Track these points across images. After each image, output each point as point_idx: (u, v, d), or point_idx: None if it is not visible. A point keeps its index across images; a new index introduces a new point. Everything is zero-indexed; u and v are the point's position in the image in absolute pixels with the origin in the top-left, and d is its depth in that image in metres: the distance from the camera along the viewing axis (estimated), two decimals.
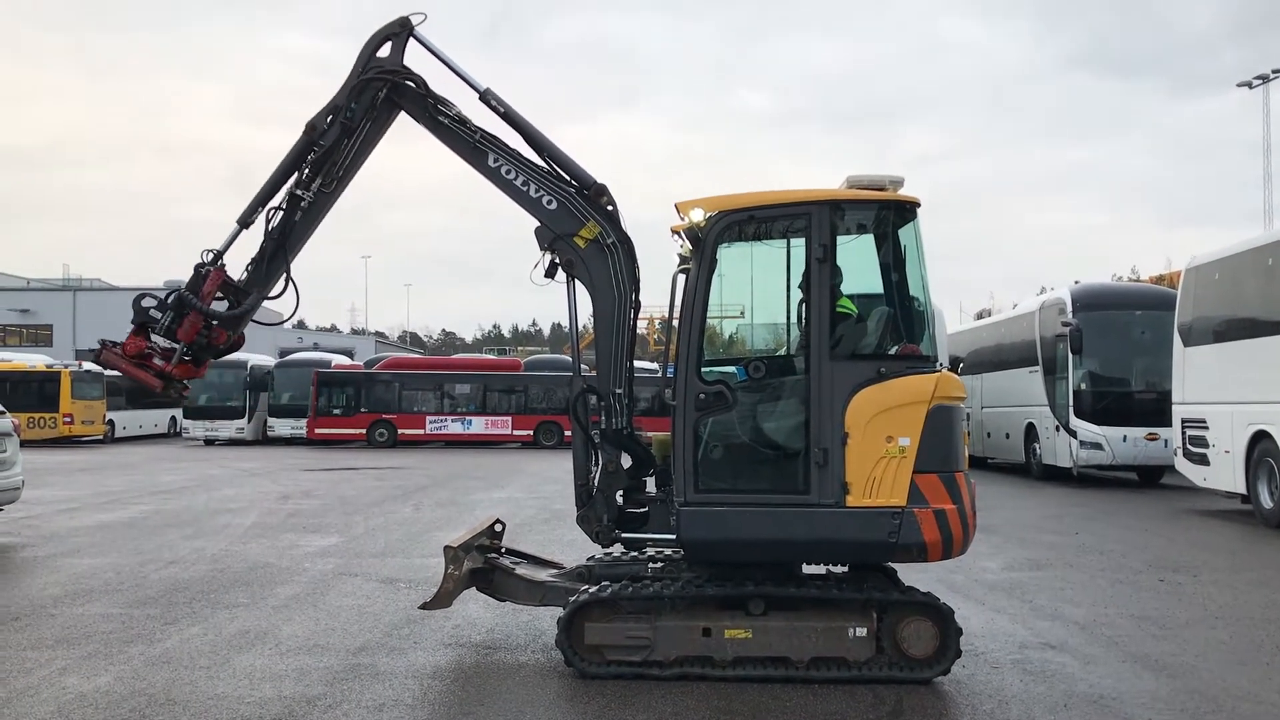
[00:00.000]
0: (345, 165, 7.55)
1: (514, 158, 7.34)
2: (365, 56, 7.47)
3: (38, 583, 9.70)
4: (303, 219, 7.55)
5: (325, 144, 7.42)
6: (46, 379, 35.65)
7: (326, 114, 7.44)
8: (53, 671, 6.65)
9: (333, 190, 7.59)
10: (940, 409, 6.47)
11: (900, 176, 6.91)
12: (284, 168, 7.52)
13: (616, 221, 7.25)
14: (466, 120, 7.40)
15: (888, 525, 6.38)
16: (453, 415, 37.09)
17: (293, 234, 7.56)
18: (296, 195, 7.49)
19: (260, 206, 7.53)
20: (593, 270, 7.18)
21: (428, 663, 6.97)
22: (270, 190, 7.52)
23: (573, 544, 11.10)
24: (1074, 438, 20.23)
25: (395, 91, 7.46)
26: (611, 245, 7.17)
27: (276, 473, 23.69)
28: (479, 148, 7.36)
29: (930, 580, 8.89)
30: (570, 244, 7.18)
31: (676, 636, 6.58)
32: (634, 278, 7.23)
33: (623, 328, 7.16)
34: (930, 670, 6.48)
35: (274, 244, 7.53)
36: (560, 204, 7.23)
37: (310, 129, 7.43)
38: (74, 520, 14.36)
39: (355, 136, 7.49)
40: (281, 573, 10.26)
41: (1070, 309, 20.59)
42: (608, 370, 7.16)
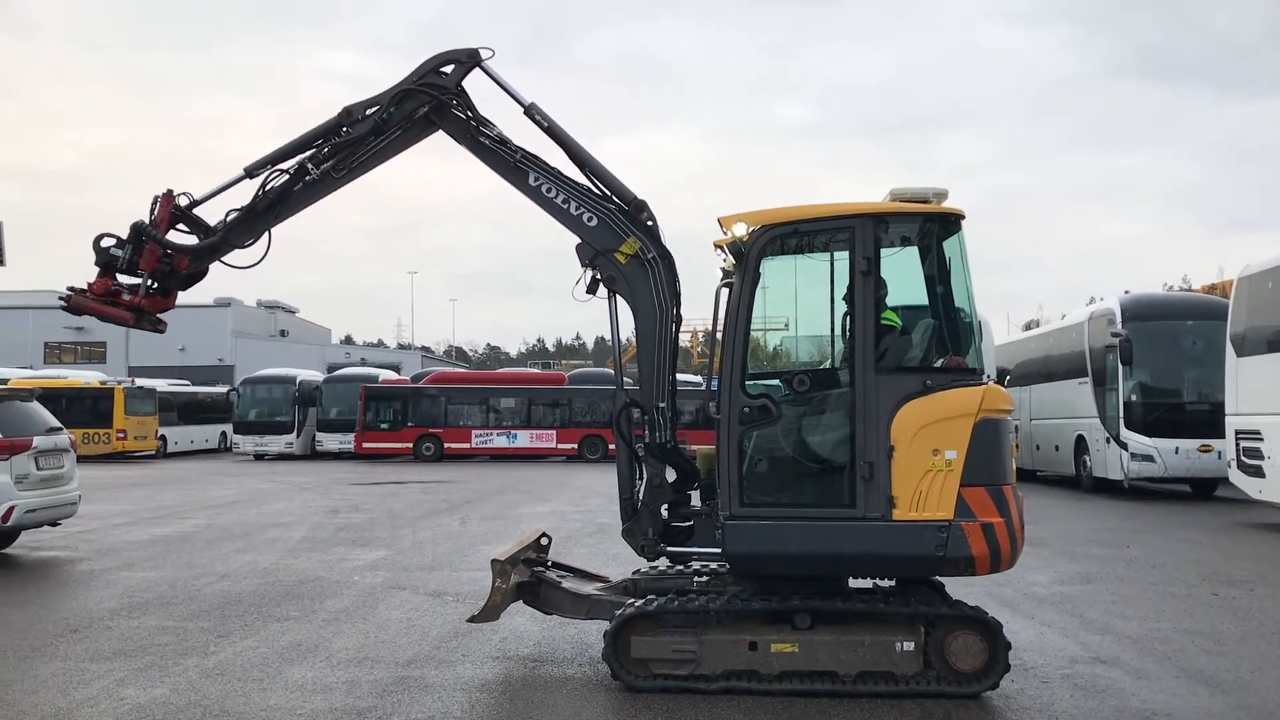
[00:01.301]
0: (363, 160, 7.67)
1: (554, 176, 7.42)
2: (423, 70, 7.57)
3: (95, 596, 9.89)
4: (302, 191, 7.68)
5: (353, 134, 7.54)
6: (100, 396, 36.29)
7: (367, 106, 7.56)
8: (111, 683, 6.78)
9: (341, 177, 7.70)
10: (987, 422, 6.44)
11: (944, 189, 6.90)
12: (307, 138, 7.66)
13: (657, 237, 7.30)
14: (507, 140, 7.50)
15: (934, 539, 6.36)
16: (498, 429, 37.27)
17: (287, 201, 7.68)
18: (306, 168, 7.62)
19: (271, 164, 7.66)
20: (634, 286, 7.24)
21: (476, 675, 7.03)
22: (286, 154, 7.66)
23: (618, 558, 11.12)
24: (1125, 450, 19.95)
25: (437, 112, 7.56)
26: (652, 260, 7.22)
27: (325, 487, 23.95)
28: (519, 167, 7.45)
29: (979, 594, 8.82)
30: (611, 260, 7.25)
31: (722, 650, 6.59)
32: (675, 292, 7.28)
33: (665, 342, 7.21)
34: (978, 685, 6.43)
35: (267, 203, 7.65)
36: (601, 220, 7.30)
37: (345, 114, 7.56)
38: (129, 534, 14.62)
39: (383, 139, 7.60)
40: (331, 586, 10.38)
41: (1120, 319, 20.33)
42: (650, 384, 7.21)
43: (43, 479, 12.17)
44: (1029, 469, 24.99)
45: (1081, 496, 21.06)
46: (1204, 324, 19.78)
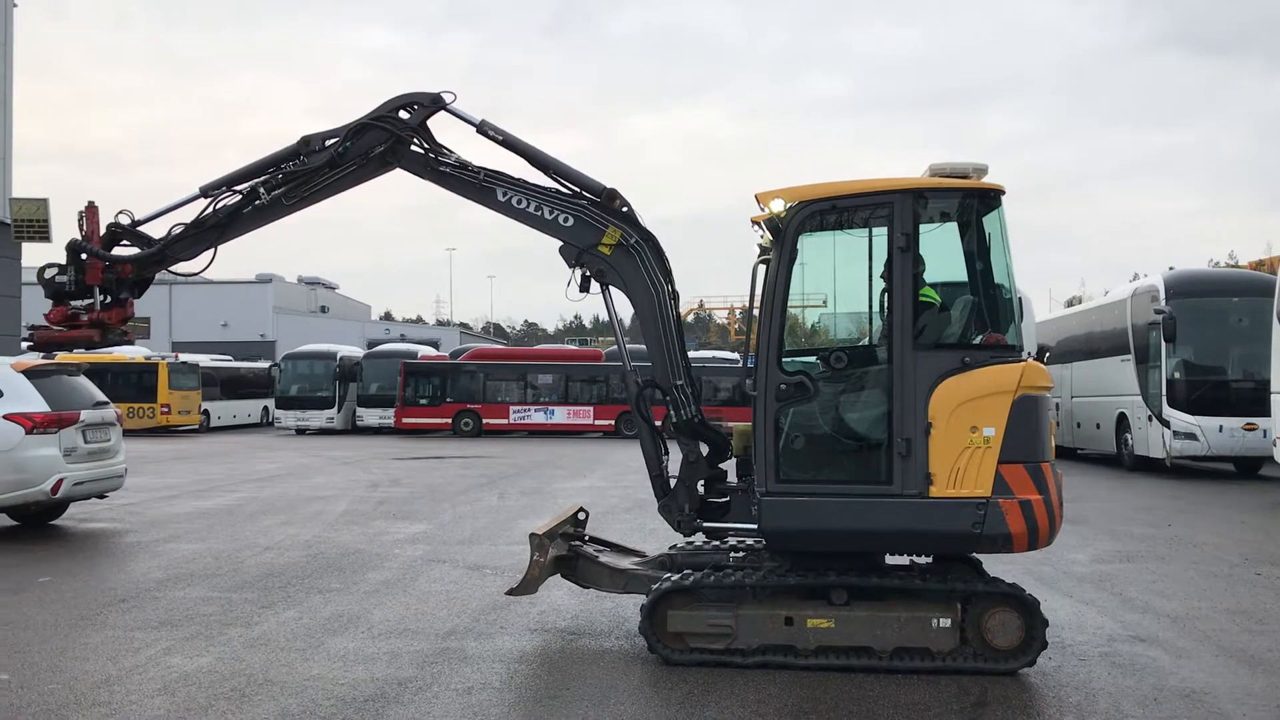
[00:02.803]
0: (315, 190, 7.69)
1: (521, 186, 7.44)
2: (384, 109, 7.56)
3: (141, 567, 10.09)
4: (251, 214, 7.73)
5: (308, 164, 7.56)
6: (145, 370, 36.82)
7: (325, 138, 7.58)
8: (158, 651, 6.93)
9: (291, 205, 7.72)
10: (1026, 399, 6.40)
11: (984, 164, 6.84)
12: (264, 163, 7.71)
13: (635, 221, 7.34)
14: (467, 164, 7.51)
15: (972, 516, 6.34)
16: (536, 405, 37.44)
17: (235, 223, 7.75)
18: (258, 192, 7.66)
19: (226, 186, 7.72)
20: (624, 274, 7.28)
21: (514, 647, 7.12)
22: (242, 176, 7.72)
23: (655, 533, 11.18)
24: (1167, 428, 19.74)
25: (394, 151, 7.57)
26: (635, 245, 7.26)
27: (366, 461, 24.21)
28: (485, 186, 7.47)
29: (1017, 572, 8.79)
30: (596, 254, 7.29)
31: (759, 625, 6.62)
32: (665, 270, 7.33)
33: (667, 321, 7.26)
34: (1015, 661, 6.43)
35: (214, 221, 7.72)
36: (577, 219, 7.34)
37: (304, 143, 7.58)
38: (174, 507, 14.88)
39: (337, 172, 7.61)
40: (372, 559, 10.53)
41: (1164, 295, 20.06)
42: (663, 364, 7.26)
43: (90, 452, 12.40)
44: (1069, 447, 24.79)
45: (1122, 475, 20.87)
46: (1250, 300, 19.50)
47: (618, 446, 30.90)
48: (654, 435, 7.34)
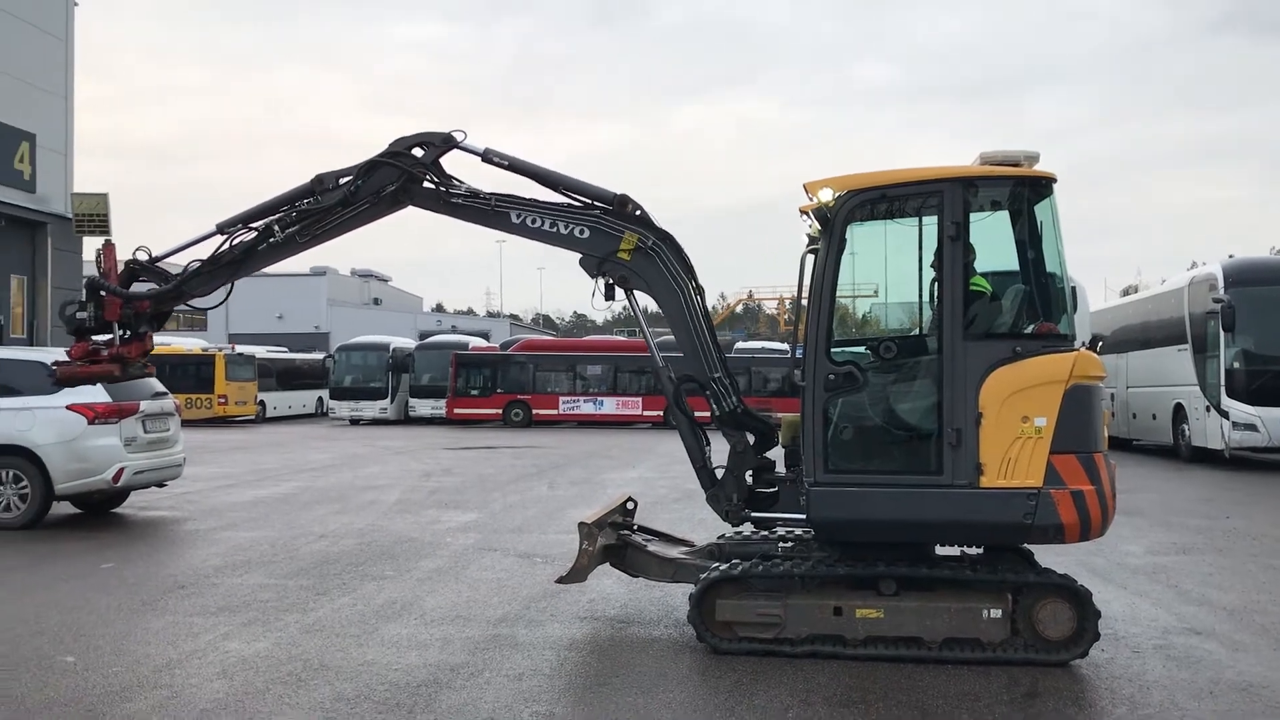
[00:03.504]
0: (328, 229, 7.78)
1: (533, 206, 7.49)
2: (396, 148, 7.62)
3: (200, 554, 10.30)
4: (265, 251, 7.87)
5: (321, 202, 7.65)
6: (202, 362, 37.46)
7: (339, 176, 7.66)
8: (216, 636, 7.09)
9: (305, 242, 7.83)
10: (1078, 388, 6.35)
11: (1035, 151, 6.78)
12: (279, 200, 7.85)
13: (649, 223, 7.38)
14: (478, 192, 7.57)
15: (1023, 506, 6.31)
16: (585, 396, 37.61)
17: (250, 260, 7.91)
18: (272, 230, 7.77)
19: (242, 223, 7.89)
20: (646, 277, 7.32)
21: (564, 635, 7.19)
22: (257, 214, 7.87)
23: (703, 523, 11.20)
24: (1226, 419, 19.39)
25: (406, 191, 7.63)
26: (653, 246, 7.30)
27: (418, 451, 24.47)
28: (498, 211, 7.52)
29: (1070, 563, 8.70)
30: (616, 262, 7.33)
31: (807, 615, 6.63)
32: (687, 267, 7.36)
33: (695, 316, 7.30)
34: (1067, 653, 6.39)
35: (230, 258, 7.89)
36: (592, 229, 7.38)
37: (317, 181, 7.68)
38: (231, 496, 15.15)
39: (350, 210, 7.69)
40: (425, 547, 10.66)
41: (1222, 284, 19.68)
42: (698, 359, 7.30)
43: (150, 442, 12.66)
44: (1125, 438, 24.44)
45: (1179, 466, 20.55)
46: None
47: (666, 437, 30.93)
48: (693, 428, 7.38)
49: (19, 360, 12.37)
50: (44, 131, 24.51)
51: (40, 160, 24.29)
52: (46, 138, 24.61)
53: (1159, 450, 23.50)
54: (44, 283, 24.92)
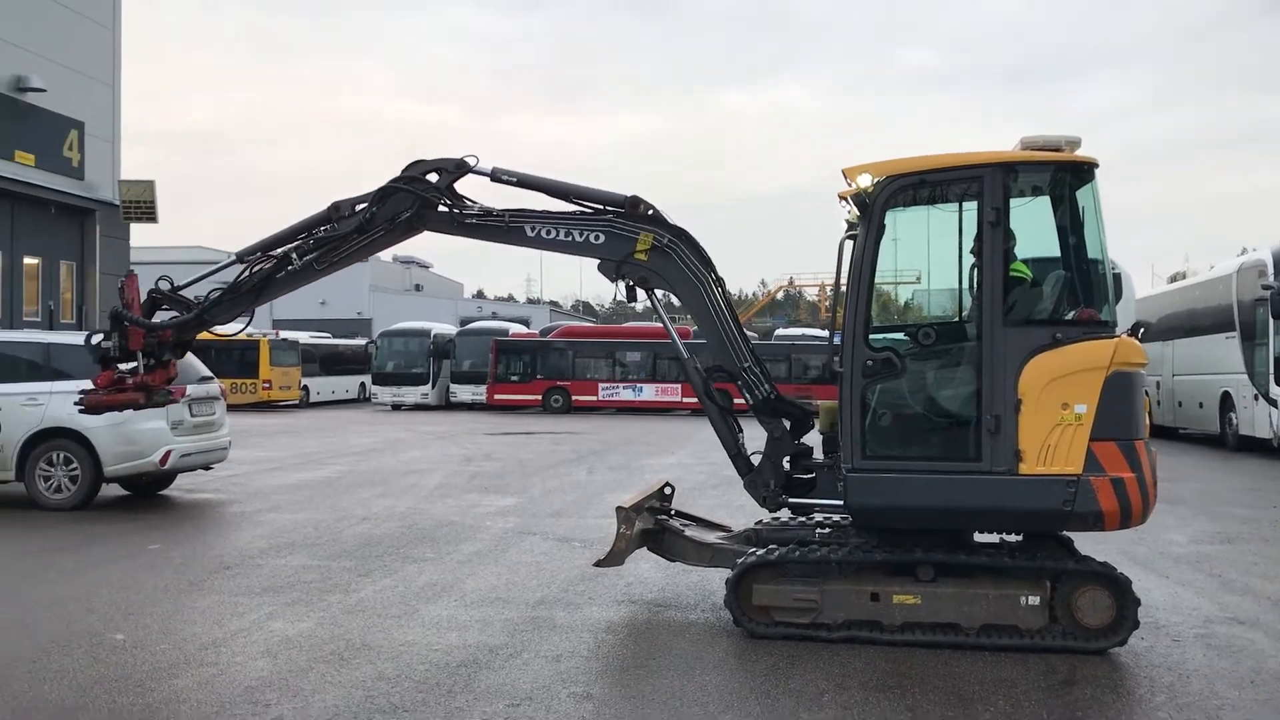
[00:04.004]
0: (345, 256, 7.86)
1: (546, 218, 7.54)
2: (409, 174, 7.67)
3: (245, 536, 10.48)
4: (284, 279, 7.97)
5: (337, 230, 7.73)
6: (247, 347, 37.85)
7: (354, 203, 7.73)
8: (261, 616, 7.22)
9: (322, 269, 7.93)
10: (1119, 375, 6.30)
11: (1077, 137, 6.72)
12: (296, 228, 7.96)
13: (663, 221, 7.41)
14: (490, 210, 7.62)
15: (1062, 493, 6.28)
16: (624, 383, 37.69)
17: (270, 287, 8.03)
18: (290, 258, 7.88)
19: (261, 251, 8.02)
20: (666, 274, 7.36)
21: (602, 618, 7.25)
22: (275, 242, 7.99)
23: (741, 509, 11.22)
24: (1274, 407, 19.08)
25: (420, 217, 7.68)
26: (669, 244, 7.33)
27: (459, 436, 24.66)
28: (511, 227, 7.58)
29: (1111, 551, 8.64)
30: (634, 263, 7.38)
31: (844, 600, 6.64)
32: (705, 260, 7.38)
33: (719, 308, 7.33)
34: (1106, 640, 6.36)
35: (249, 285, 8.02)
36: (607, 234, 7.42)
37: (334, 209, 7.76)
38: (275, 479, 15.37)
39: (366, 237, 7.76)
40: (465, 530, 10.77)
41: (1272, 271, 19.35)
42: (725, 350, 7.34)
43: (196, 425, 12.88)
44: (1170, 426, 24.14)
45: (1225, 455, 20.27)
46: None
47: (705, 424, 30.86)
48: (724, 416, 7.42)
49: (69, 345, 12.61)
50: (92, 120, 24.89)
51: (89, 148, 24.68)
52: (95, 126, 24.99)
53: (1205, 439, 23.20)
54: (92, 269, 25.35)
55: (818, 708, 5.45)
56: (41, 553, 9.47)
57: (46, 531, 10.54)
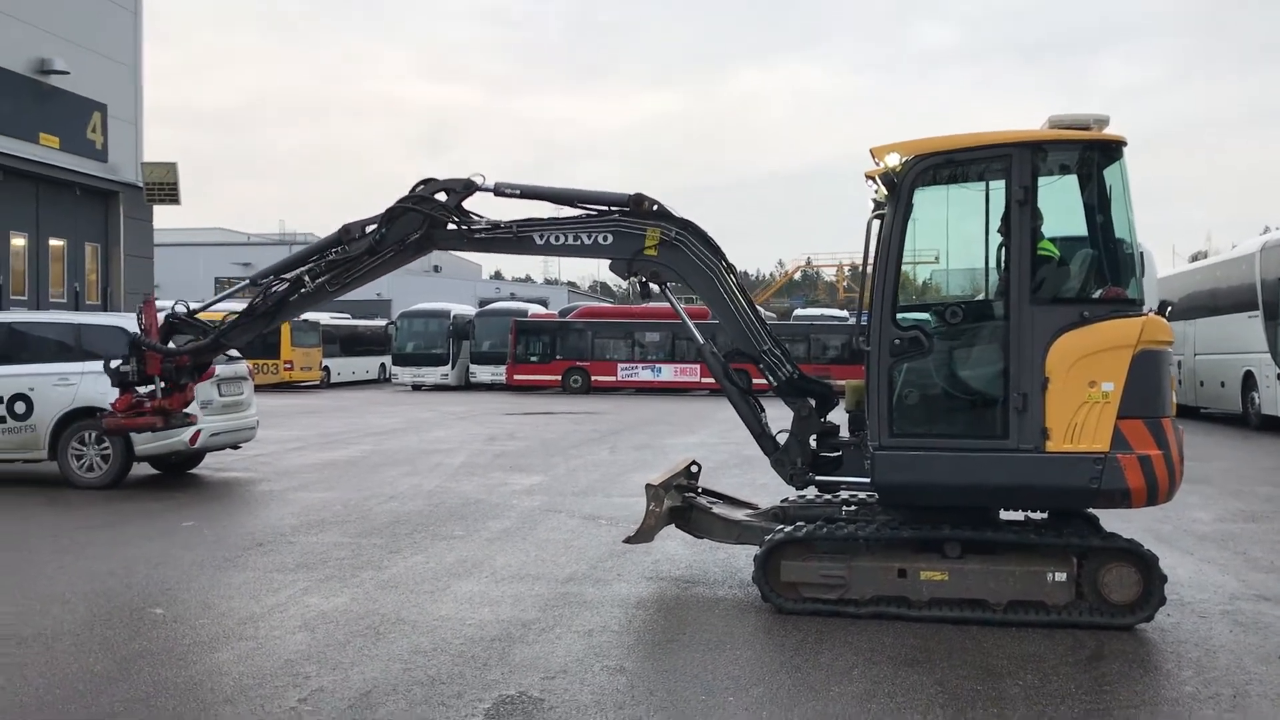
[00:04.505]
0: (357, 277, 7.99)
1: (553, 225, 7.65)
2: (418, 195, 7.77)
3: (275, 514, 10.62)
4: (297, 301, 8.15)
5: (348, 252, 7.85)
6: None
7: (364, 225, 7.85)
8: (296, 591, 7.35)
9: (335, 291, 8.08)
10: (1146, 354, 6.33)
11: (1105, 115, 6.73)
12: (308, 251, 8.15)
13: (668, 214, 7.48)
14: (497, 223, 7.73)
15: (1089, 471, 6.32)
16: (643, 363, 37.78)
17: (284, 309, 8.22)
18: (303, 279, 8.02)
19: (274, 275, 8.19)
20: (677, 267, 7.44)
21: (631, 594, 7.35)
22: (288, 266, 8.17)
23: (765, 487, 11.30)
24: None
25: (429, 238, 7.79)
26: (677, 236, 7.42)
27: (481, 416, 24.80)
28: (520, 238, 7.69)
29: (1136, 530, 8.65)
30: (645, 259, 7.46)
31: (872, 576, 6.71)
32: (714, 249, 7.47)
33: (733, 294, 7.42)
34: (1132, 616, 6.41)
35: (264, 308, 8.19)
36: (614, 233, 7.51)
37: (344, 231, 7.89)
38: (301, 458, 15.53)
39: (376, 258, 7.87)
40: (492, 508, 10.89)
41: None
42: (744, 335, 7.42)
43: (224, 405, 13.02)
44: (1192, 406, 24.07)
45: (1248, 435, 20.22)
46: None
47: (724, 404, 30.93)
48: (744, 397, 7.49)
49: (100, 325, 12.77)
50: (115, 102, 25.03)
51: (112, 130, 24.83)
52: (117, 108, 25.14)
53: (1227, 418, 23.13)
54: (116, 250, 25.54)
55: (848, 681, 5.53)
56: (77, 529, 9.63)
57: (80, 509, 10.71)
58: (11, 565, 8.13)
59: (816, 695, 5.33)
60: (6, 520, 10.10)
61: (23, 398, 12.14)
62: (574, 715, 5.01)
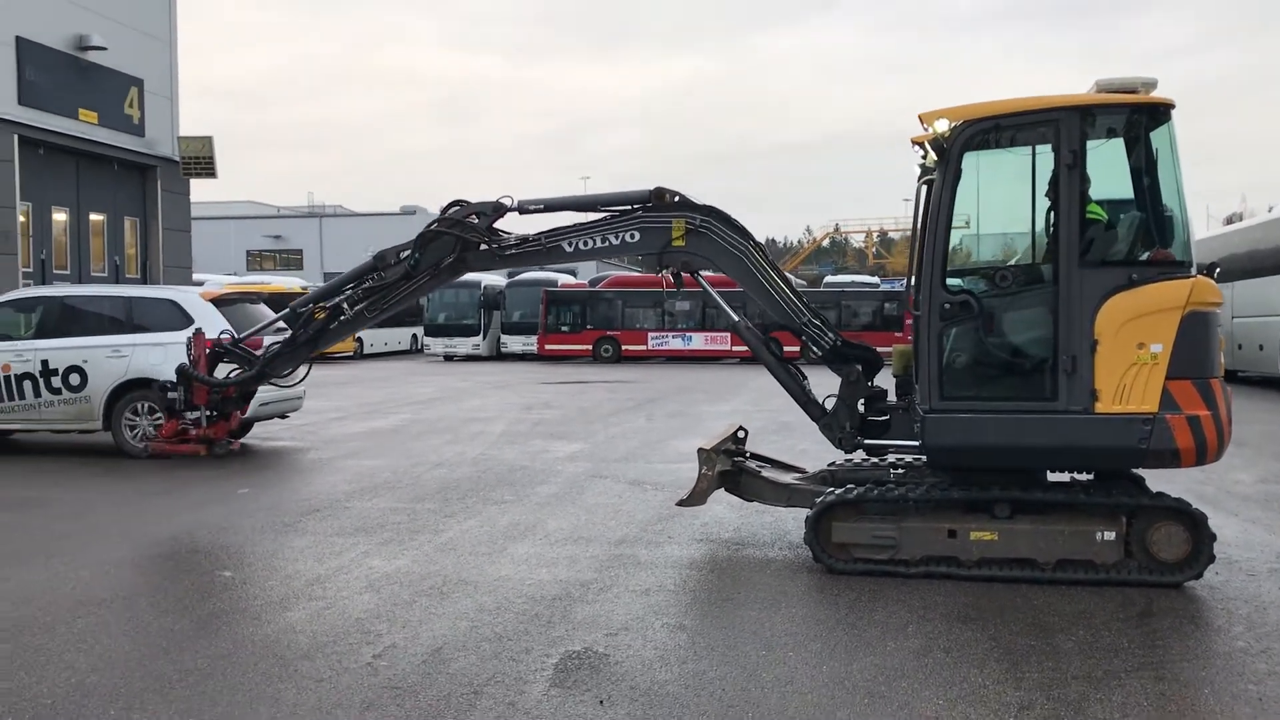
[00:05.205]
0: (394, 302, 8.23)
1: (580, 230, 7.84)
2: (450, 219, 7.97)
3: (328, 480, 10.85)
4: (337, 328, 8.39)
5: (385, 278, 8.08)
6: None
7: (399, 251, 8.07)
8: (358, 554, 7.55)
9: (373, 316, 8.35)
10: (1195, 315, 6.40)
11: (1153, 78, 6.76)
12: (346, 279, 8.39)
13: (690, 204, 7.65)
14: (526, 237, 7.94)
15: (1138, 431, 6.41)
16: (673, 332, 37.86)
17: (324, 337, 8.45)
18: (341, 307, 8.26)
19: (313, 303, 8.43)
20: (707, 253, 7.62)
21: (683, 555, 7.51)
22: (327, 293, 8.42)
23: (805, 453, 11.42)
24: None
25: (463, 260, 8.00)
26: (703, 224, 7.56)
27: (516, 385, 25.00)
28: (550, 248, 7.88)
29: (1178, 491, 8.63)
30: (674, 251, 7.63)
31: (922, 537, 6.84)
32: (740, 231, 7.63)
33: (765, 272, 7.56)
34: (1181, 575, 6.51)
35: (306, 337, 8.44)
36: (641, 230, 7.67)
37: (379, 258, 8.12)
38: (345, 427, 15.77)
39: (412, 283, 8.09)
40: (538, 474, 11.08)
41: None
42: (783, 310, 7.57)
43: None
44: (1230, 369, 23.94)
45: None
46: None
47: (756, 372, 31.03)
48: (784, 367, 7.60)
49: (150, 298, 13.00)
50: (150, 76, 25.21)
51: (148, 105, 25.03)
52: (153, 83, 25.32)
53: (1265, 381, 23.02)
54: (155, 224, 25.80)
55: (903, 637, 5.67)
56: (138, 496, 9.89)
57: (137, 478, 10.96)
58: (80, 531, 8.38)
59: (873, 650, 5.48)
60: (68, 489, 10.37)
61: (77, 370, 12.40)
62: (640, 670, 5.18)
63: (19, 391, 12.45)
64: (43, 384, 12.42)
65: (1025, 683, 5.00)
